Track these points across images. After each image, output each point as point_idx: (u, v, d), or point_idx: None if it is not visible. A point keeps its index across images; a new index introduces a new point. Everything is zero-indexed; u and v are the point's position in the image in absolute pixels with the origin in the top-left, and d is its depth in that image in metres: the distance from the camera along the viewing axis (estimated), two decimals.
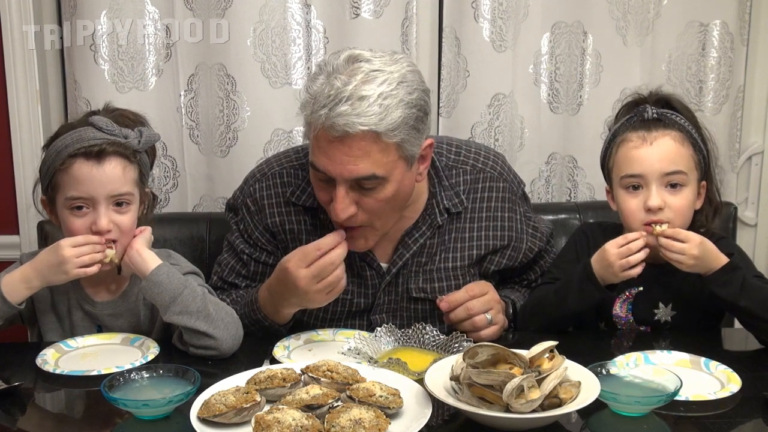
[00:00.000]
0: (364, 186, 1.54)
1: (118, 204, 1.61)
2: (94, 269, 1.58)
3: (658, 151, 1.66)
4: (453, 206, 1.73)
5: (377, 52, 1.56)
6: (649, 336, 1.72)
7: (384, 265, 1.74)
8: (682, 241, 1.59)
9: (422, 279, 1.75)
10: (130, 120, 1.71)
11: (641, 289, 1.73)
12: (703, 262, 1.59)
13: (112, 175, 1.60)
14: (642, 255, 1.62)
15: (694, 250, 1.58)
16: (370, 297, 1.74)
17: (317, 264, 1.53)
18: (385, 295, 1.75)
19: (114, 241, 1.61)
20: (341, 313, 1.75)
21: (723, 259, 1.60)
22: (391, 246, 1.73)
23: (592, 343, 1.66)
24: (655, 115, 1.70)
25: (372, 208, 1.57)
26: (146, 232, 1.68)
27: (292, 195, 1.73)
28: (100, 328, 1.73)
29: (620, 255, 1.62)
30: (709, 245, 1.60)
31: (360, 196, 1.55)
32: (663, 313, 1.74)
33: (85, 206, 1.60)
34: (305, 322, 1.74)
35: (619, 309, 1.76)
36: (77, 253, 1.56)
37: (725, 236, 1.85)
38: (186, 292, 1.57)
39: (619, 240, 1.64)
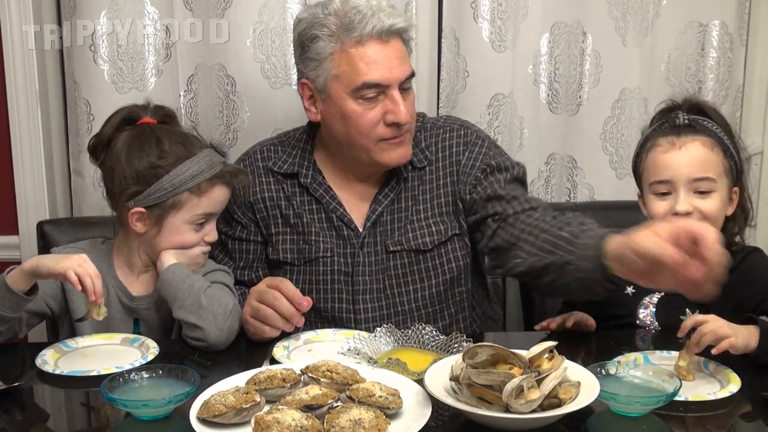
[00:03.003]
0: (405, 86, 1.73)
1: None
2: (76, 284, 1.49)
3: (686, 156, 1.65)
4: (418, 161, 1.83)
5: None
6: (648, 336, 1.72)
7: (361, 228, 1.81)
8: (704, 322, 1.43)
9: (398, 233, 1.81)
10: (168, 111, 1.82)
11: (662, 294, 1.71)
12: (736, 330, 1.43)
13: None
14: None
15: (720, 324, 1.43)
16: (349, 256, 1.80)
17: (263, 309, 1.61)
18: (365, 256, 1.80)
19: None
20: (324, 273, 1.80)
21: (744, 328, 1.45)
22: (367, 207, 1.82)
23: (592, 343, 1.66)
24: (686, 121, 1.70)
25: (411, 111, 1.75)
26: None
27: (273, 165, 1.85)
28: (137, 321, 1.76)
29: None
30: (720, 321, 1.44)
31: (402, 99, 1.71)
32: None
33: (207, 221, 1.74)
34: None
35: (642, 315, 1.73)
36: (86, 268, 1.51)
37: (758, 248, 1.80)
38: (185, 288, 1.65)
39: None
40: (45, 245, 2.05)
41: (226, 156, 1.80)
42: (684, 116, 1.71)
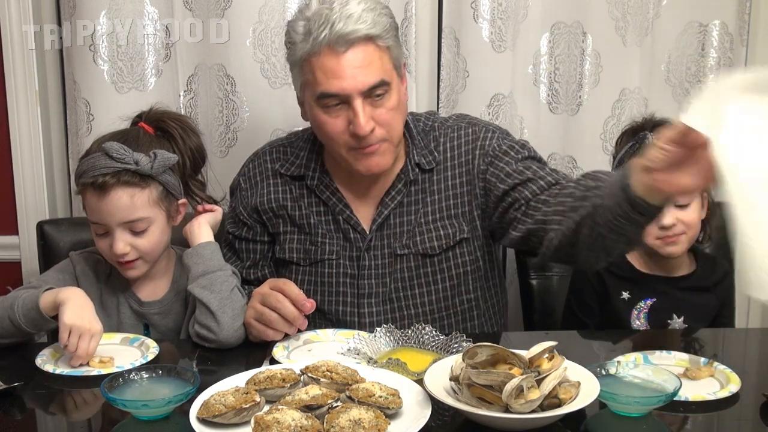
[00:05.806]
0: (376, 94, 1.64)
1: (133, 229, 1.66)
2: (62, 340, 1.48)
3: None
4: (427, 163, 1.78)
5: None
6: (648, 337, 1.73)
7: (367, 229, 1.79)
8: None
9: (406, 236, 1.78)
10: (171, 125, 1.78)
11: (655, 300, 1.83)
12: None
13: (119, 205, 1.63)
14: None
15: None
16: (355, 259, 1.78)
17: (267, 313, 1.60)
18: (371, 259, 1.78)
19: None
20: (329, 275, 1.79)
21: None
22: (374, 209, 1.80)
23: (591, 343, 1.66)
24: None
25: (385, 120, 1.67)
26: (217, 213, 1.81)
27: (281, 167, 1.84)
28: (147, 327, 1.76)
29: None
30: None
31: (372, 109, 1.65)
32: (676, 323, 1.82)
33: (104, 231, 1.67)
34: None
35: (637, 319, 1.83)
36: (84, 341, 1.49)
37: (714, 256, 1.92)
38: (219, 274, 1.67)
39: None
40: (45, 245, 2.05)
41: (127, 160, 1.63)
42: (651, 136, 1.78)
